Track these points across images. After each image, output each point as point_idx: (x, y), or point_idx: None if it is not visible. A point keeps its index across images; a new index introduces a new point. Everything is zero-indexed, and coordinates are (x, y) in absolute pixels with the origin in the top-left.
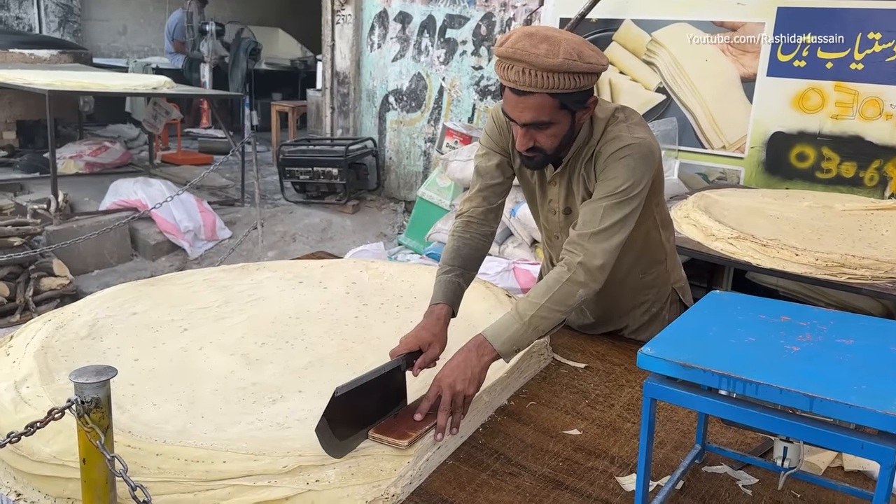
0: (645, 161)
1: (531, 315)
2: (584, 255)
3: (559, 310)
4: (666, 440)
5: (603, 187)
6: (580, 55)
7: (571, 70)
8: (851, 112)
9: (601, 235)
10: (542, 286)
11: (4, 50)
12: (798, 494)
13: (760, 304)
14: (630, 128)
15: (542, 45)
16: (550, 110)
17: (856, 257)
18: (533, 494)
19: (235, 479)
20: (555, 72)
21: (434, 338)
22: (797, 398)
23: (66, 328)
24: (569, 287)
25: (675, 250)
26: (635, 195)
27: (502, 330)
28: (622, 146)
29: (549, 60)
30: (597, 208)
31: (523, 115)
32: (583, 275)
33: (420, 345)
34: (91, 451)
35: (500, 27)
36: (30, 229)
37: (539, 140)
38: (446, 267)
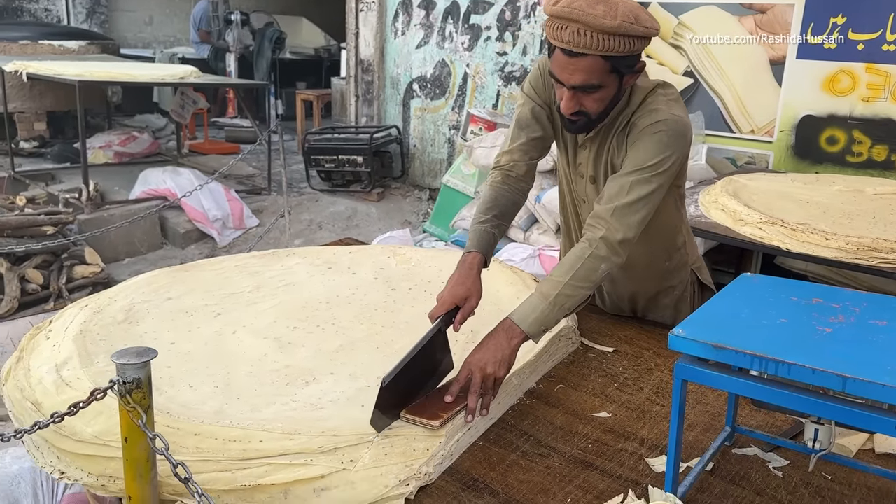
0: (678, 139)
1: (556, 294)
2: (606, 229)
3: (583, 286)
4: (696, 423)
5: (632, 159)
6: (637, 18)
7: (629, 33)
8: (883, 94)
9: (625, 210)
10: (564, 264)
11: (34, 41)
12: (829, 476)
13: (792, 286)
14: (669, 103)
15: (600, 7)
16: (601, 73)
17: (888, 241)
18: (563, 475)
19: (272, 458)
20: (612, 34)
21: (468, 291)
22: (830, 378)
23: (104, 313)
24: (591, 262)
25: (690, 231)
26: (663, 171)
27: (529, 311)
28: (658, 120)
29: (606, 22)
30: (624, 183)
31: (573, 76)
32: (605, 249)
33: (456, 301)
34: (133, 430)
35: (525, 12)
36: (62, 218)
37: (585, 104)
38: (482, 217)
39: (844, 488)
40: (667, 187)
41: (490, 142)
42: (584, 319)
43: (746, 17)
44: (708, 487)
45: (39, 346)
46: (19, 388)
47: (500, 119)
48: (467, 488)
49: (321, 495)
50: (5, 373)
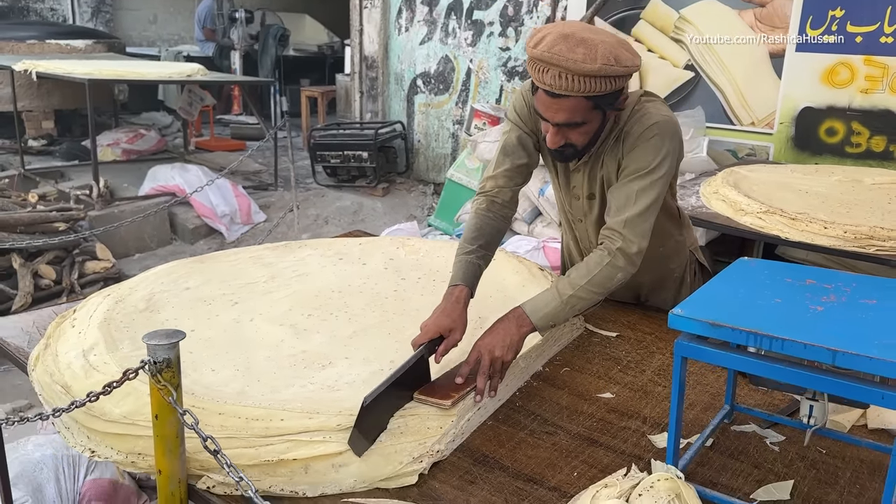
0: (672, 139)
1: (570, 294)
2: (622, 241)
3: (597, 292)
4: (696, 402)
5: (632, 166)
6: (617, 59)
7: (609, 74)
8: (881, 86)
9: (636, 220)
10: (582, 268)
11: (41, 41)
12: (824, 450)
13: (787, 268)
14: (656, 106)
15: (580, 50)
16: (584, 111)
17: (885, 229)
18: (569, 451)
19: (293, 435)
20: (593, 76)
21: (453, 323)
22: (821, 352)
23: (125, 302)
24: (608, 271)
25: (686, 217)
26: (664, 174)
27: (541, 305)
28: (651, 124)
29: (586, 66)
30: (630, 192)
31: (557, 115)
32: (622, 260)
33: (440, 331)
34: (163, 408)
35: (528, 7)
36: (73, 214)
37: (571, 137)
38: (468, 247)
39: (838, 461)
40: (667, 186)
41: (494, 136)
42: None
43: (746, 10)
44: (708, 461)
45: (65, 333)
46: (48, 372)
47: (504, 114)
48: (478, 464)
49: (339, 470)
50: (34, 359)
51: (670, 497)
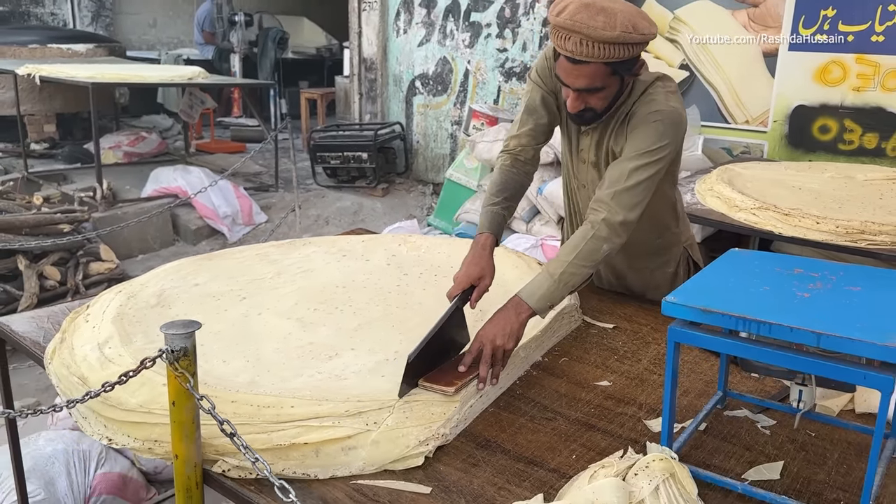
0: (674, 128)
1: (561, 272)
2: (607, 211)
3: (586, 265)
4: (690, 389)
5: (631, 146)
6: (635, 27)
7: (627, 41)
8: (873, 84)
9: (625, 194)
10: (569, 244)
11: (43, 45)
12: (813, 433)
13: (776, 258)
14: (667, 95)
15: (600, 17)
16: (603, 77)
17: (876, 224)
18: (568, 435)
19: (303, 421)
20: (612, 43)
21: (482, 270)
22: (806, 335)
23: (137, 297)
24: (594, 243)
25: (684, 212)
26: (660, 158)
27: (536, 289)
28: (655, 110)
29: (606, 33)
30: (623, 169)
31: (577, 81)
32: (605, 230)
33: (471, 281)
34: (180, 395)
35: (524, 9)
36: (77, 216)
37: (590, 102)
38: (493, 199)
39: (826, 444)
40: (663, 172)
41: (492, 136)
42: (585, 299)
43: (739, 10)
44: (701, 444)
45: (80, 328)
46: (65, 364)
47: (502, 114)
48: (481, 448)
49: (349, 453)
50: (50, 352)
51: (665, 476)
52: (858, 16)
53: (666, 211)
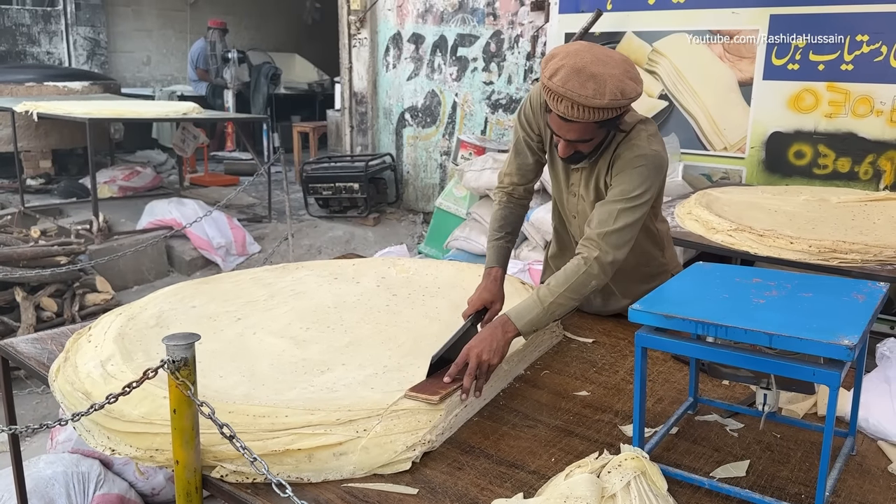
0: (656, 172)
1: (550, 301)
2: (599, 251)
3: (574, 298)
4: (664, 397)
5: (617, 189)
6: (623, 92)
7: (615, 107)
8: (844, 110)
9: (614, 236)
10: (560, 276)
11: (39, 83)
12: (778, 435)
13: (737, 270)
14: (649, 139)
15: (590, 85)
16: (592, 131)
17: (846, 243)
18: (548, 441)
19: (296, 429)
20: (600, 108)
21: (494, 296)
22: (758, 336)
23: (137, 319)
24: (584, 279)
25: (670, 241)
26: (645, 202)
27: (524, 312)
28: (639, 154)
29: (596, 101)
30: (612, 210)
31: (568, 134)
32: (597, 268)
33: (484, 304)
34: (181, 402)
35: (509, 44)
36: (74, 249)
37: (579, 147)
38: (496, 234)
39: (791, 444)
40: (647, 212)
41: (480, 165)
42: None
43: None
44: (673, 446)
45: (82, 347)
46: (69, 381)
47: (489, 144)
48: (465, 453)
49: (340, 458)
50: (55, 371)
51: (636, 473)
52: (828, 46)
53: (649, 244)
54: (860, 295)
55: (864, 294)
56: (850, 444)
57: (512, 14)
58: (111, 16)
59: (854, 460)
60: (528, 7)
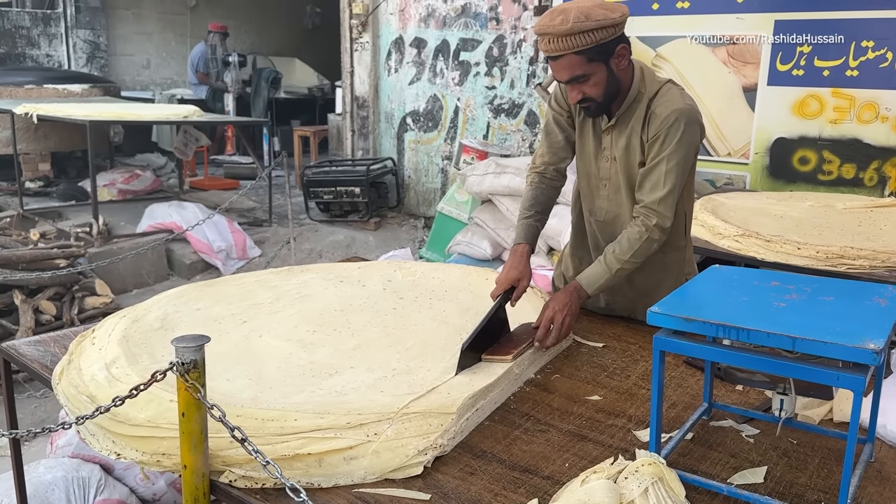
0: (695, 125)
1: (617, 268)
2: (657, 217)
3: (637, 262)
4: (678, 402)
5: (659, 147)
6: (588, 16)
7: (582, 30)
8: (849, 116)
9: (668, 199)
10: (625, 244)
11: (39, 85)
12: (795, 441)
13: (754, 274)
14: (682, 94)
15: (558, 17)
16: (581, 65)
17: (854, 249)
18: (560, 445)
19: (306, 433)
20: (569, 34)
21: (520, 274)
22: (782, 339)
23: (141, 321)
24: (647, 245)
25: (691, 243)
26: (687, 156)
27: (595, 279)
28: (675, 108)
29: (561, 27)
30: (660, 174)
31: (562, 74)
32: (657, 233)
33: (511, 282)
34: (190, 406)
35: (511, 48)
36: (73, 251)
37: (586, 91)
38: (527, 212)
39: (808, 450)
40: (689, 166)
41: (482, 170)
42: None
43: (719, 47)
44: (689, 452)
45: (86, 350)
46: (73, 384)
47: (491, 148)
48: (477, 458)
49: (350, 463)
50: (58, 373)
51: (654, 479)
52: (833, 52)
53: (677, 229)
54: (882, 299)
55: (886, 298)
56: (868, 450)
57: (515, 19)
58: (111, 19)
59: (873, 467)
60: (531, 12)
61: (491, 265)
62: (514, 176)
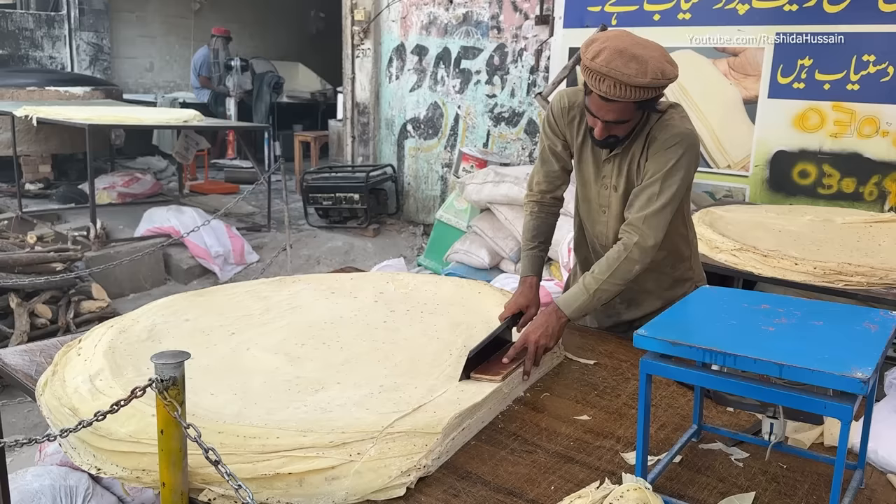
0: (692, 150)
1: (595, 289)
2: (639, 236)
3: (618, 283)
4: (667, 423)
5: (654, 169)
6: (663, 73)
7: (656, 86)
8: (849, 130)
9: (654, 218)
10: (604, 264)
11: (41, 88)
12: (784, 466)
13: (744, 295)
14: (682, 119)
15: (633, 65)
16: (630, 112)
17: (852, 265)
18: (547, 467)
19: (288, 452)
20: (642, 87)
21: (529, 301)
22: (768, 366)
23: (128, 332)
24: (627, 265)
25: (697, 250)
26: (681, 179)
27: (572, 300)
28: (674, 133)
29: (638, 80)
30: (651, 193)
31: (607, 115)
32: (638, 253)
33: (519, 308)
34: (168, 423)
35: (513, 57)
36: (70, 255)
37: (614, 131)
38: (530, 244)
39: (797, 475)
40: (684, 191)
41: (481, 178)
42: (568, 336)
43: (720, 59)
44: (676, 476)
45: (72, 361)
46: (56, 396)
47: (491, 157)
48: (462, 479)
49: (332, 483)
50: (42, 385)
51: None
52: (834, 65)
53: (681, 243)
54: (872, 325)
55: (877, 323)
56: (858, 476)
57: (516, 28)
58: (115, 21)
59: (863, 494)
60: (533, 21)
61: (488, 274)
62: (513, 185)
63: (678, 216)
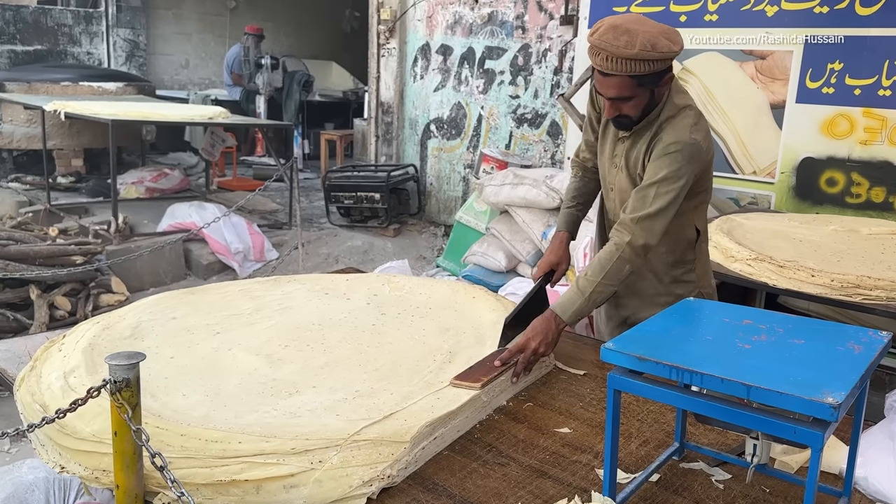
0: (691, 160)
1: (590, 291)
2: (631, 236)
3: (612, 284)
4: (651, 439)
5: (651, 173)
6: (654, 46)
7: (646, 58)
8: (880, 138)
9: (646, 220)
10: (596, 265)
11: (75, 83)
12: (767, 489)
13: (727, 309)
14: (691, 127)
15: (623, 38)
16: (630, 88)
17: (871, 278)
18: (517, 482)
19: (248, 457)
20: (632, 59)
21: (559, 258)
22: (736, 387)
23: (112, 329)
24: (618, 265)
25: (707, 259)
26: (677, 187)
27: (569, 305)
28: (676, 140)
29: (626, 51)
30: (645, 195)
31: (608, 91)
32: (629, 253)
33: (551, 266)
34: (121, 425)
35: (537, 58)
36: (91, 248)
37: (623, 109)
38: (570, 202)
39: (780, 500)
40: (681, 199)
41: (500, 180)
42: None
43: (747, 62)
44: (651, 496)
45: (52, 356)
46: (30, 392)
47: (512, 158)
48: (427, 491)
49: (290, 491)
50: (19, 380)
51: None
52: (865, 70)
53: (685, 244)
54: (857, 345)
55: (862, 344)
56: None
57: (541, 28)
58: (152, 18)
59: None
60: (558, 21)
61: (505, 277)
62: (531, 187)
63: (685, 221)
